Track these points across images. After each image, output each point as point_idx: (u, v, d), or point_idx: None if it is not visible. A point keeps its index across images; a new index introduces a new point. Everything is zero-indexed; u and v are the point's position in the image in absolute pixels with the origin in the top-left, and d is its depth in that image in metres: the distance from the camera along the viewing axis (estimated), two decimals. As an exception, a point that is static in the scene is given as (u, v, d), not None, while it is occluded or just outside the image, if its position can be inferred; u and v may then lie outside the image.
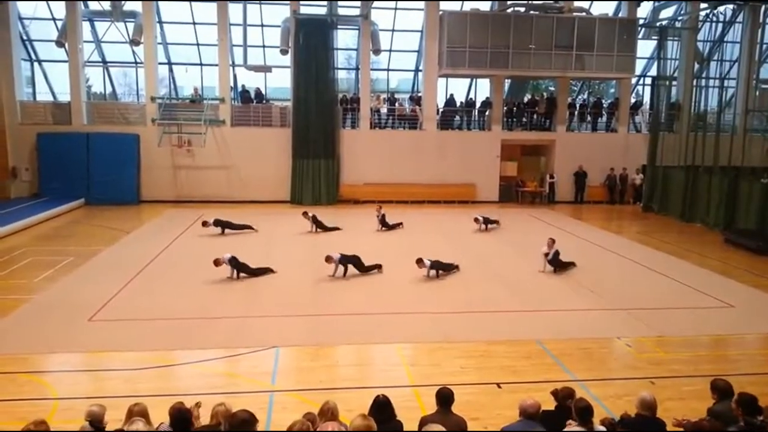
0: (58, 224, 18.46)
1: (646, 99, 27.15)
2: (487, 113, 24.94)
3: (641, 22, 24.26)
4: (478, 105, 25.44)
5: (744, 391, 5.32)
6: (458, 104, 25.30)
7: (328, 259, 12.60)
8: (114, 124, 22.87)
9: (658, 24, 24.39)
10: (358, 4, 23.21)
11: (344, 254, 12.85)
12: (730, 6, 22.99)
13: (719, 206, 19.18)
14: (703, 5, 22.59)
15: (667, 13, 24.88)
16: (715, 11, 22.41)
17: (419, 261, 12.64)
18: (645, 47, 25.36)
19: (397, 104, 25.14)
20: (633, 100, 26.43)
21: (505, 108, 24.91)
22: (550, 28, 22.61)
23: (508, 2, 23.24)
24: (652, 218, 21.83)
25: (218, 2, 22.37)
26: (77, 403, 6.70)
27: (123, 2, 22.32)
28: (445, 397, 5.39)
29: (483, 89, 25.94)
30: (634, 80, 25.99)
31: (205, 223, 16.96)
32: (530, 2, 23.11)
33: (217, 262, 12.37)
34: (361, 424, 4.52)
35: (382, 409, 5.15)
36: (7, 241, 15.80)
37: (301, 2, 23.08)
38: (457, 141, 24.34)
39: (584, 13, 23.67)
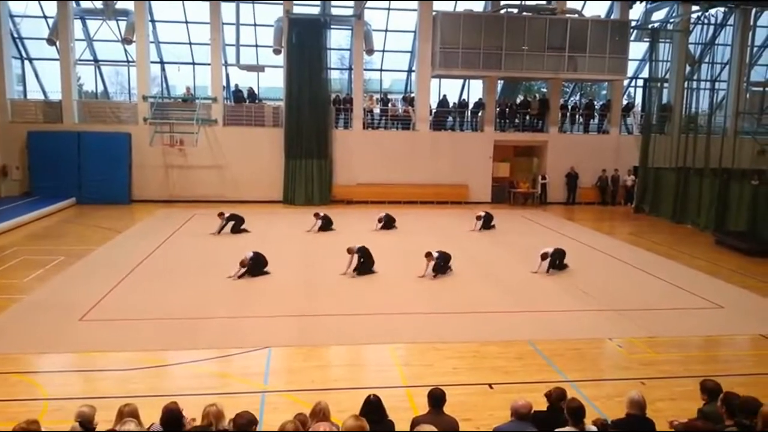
0: (48, 223, 18.33)
1: (638, 101, 27.31)
2: (479, 114, 24.99)
3: (633, 24, 24.38)
4: (470, 106, 25.50)
5: (730, 391, 5.36)
6: (451, 105, 25.32)
7: (350, 250, 12.85)
8: (105, 123, 22.73)
9: (650, 26, 24.51)
10: (351, 4, 23.17)
11: (362, 246, 13.04)
12: (722, 9, 23.11)
13: (710, 208, 19.29)
14: (694, 8, 22.72)
15: (659, 15, 25.02)
16: (707, 14, 22.54)
17: (428, 255, 12.72)
18: (637, 49, 25.50)
19: (390, 104, 25.13)
20: (625, 102, 26.57)
21: (497, 109, 24.96)
22: (542, 29, 22.71)
23: (501, 3, 23.33)
24: (643, 219, 21.94)
25: (211, 1, 22.29)
26: (68, 403, 6.66)
27: (115, 1, 22.20)
28: (437, 398, 5.41)
29: (476, 90, 25.99)
30: (625, 82, 26.08)
31: (221, 215, 17.12)
32: (523, 3, 23.20)
33: (243, 263, 12.49)
34: (353, 425, 4.52)
35: (373, 409, 5.15)
36: (-3, 241, 15.70)
37: (294, 2, 23.02)
38: (450, 142, 24.38)
39: (576, 15, 23.76)
